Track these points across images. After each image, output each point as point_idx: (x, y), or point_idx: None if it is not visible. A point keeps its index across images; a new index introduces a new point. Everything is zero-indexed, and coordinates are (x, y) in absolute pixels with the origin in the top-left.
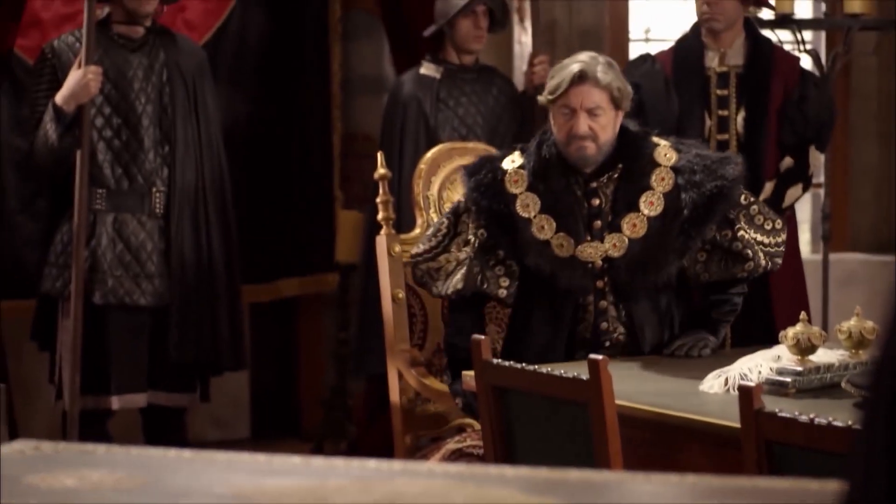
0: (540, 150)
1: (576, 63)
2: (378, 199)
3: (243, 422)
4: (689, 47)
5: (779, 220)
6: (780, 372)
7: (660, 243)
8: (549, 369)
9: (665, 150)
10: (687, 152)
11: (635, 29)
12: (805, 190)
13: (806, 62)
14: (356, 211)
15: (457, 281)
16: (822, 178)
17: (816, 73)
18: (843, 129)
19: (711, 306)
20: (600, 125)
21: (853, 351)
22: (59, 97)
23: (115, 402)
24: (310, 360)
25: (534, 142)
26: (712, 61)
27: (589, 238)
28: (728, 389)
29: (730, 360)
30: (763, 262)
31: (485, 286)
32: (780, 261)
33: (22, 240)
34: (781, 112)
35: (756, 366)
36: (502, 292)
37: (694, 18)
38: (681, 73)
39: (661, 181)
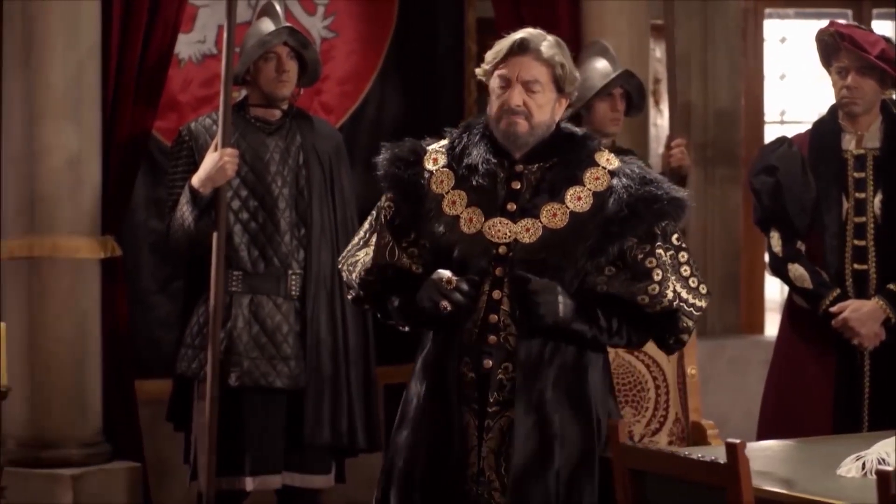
0: (467, 129)
1: (521, 33)
2: None
3: None
4: (826, 130)
5: (706, 287)
6: None
7: (576, 240)
8: (687, 453)
9: (607, 155)
10: (630, 163)
11: (771, 111)
12: None
13: None
14: None
15: (366, 259)
16: None
17: None
18: None
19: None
20: (536, 103)
21: None
22: (196, 179)
23: (251, 484)
24: None
25: (461, 125)
26: (849, 144)
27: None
28: (865, 474)
29: (868, 444)
30: (670, 298)
31: (395, 258)
32: (691, 325)
33: (158, 321)
34: None
35: (895, 450)
36: (416, 267)
37: (830, 100)
38: (818, 155)
39: (595, 180)
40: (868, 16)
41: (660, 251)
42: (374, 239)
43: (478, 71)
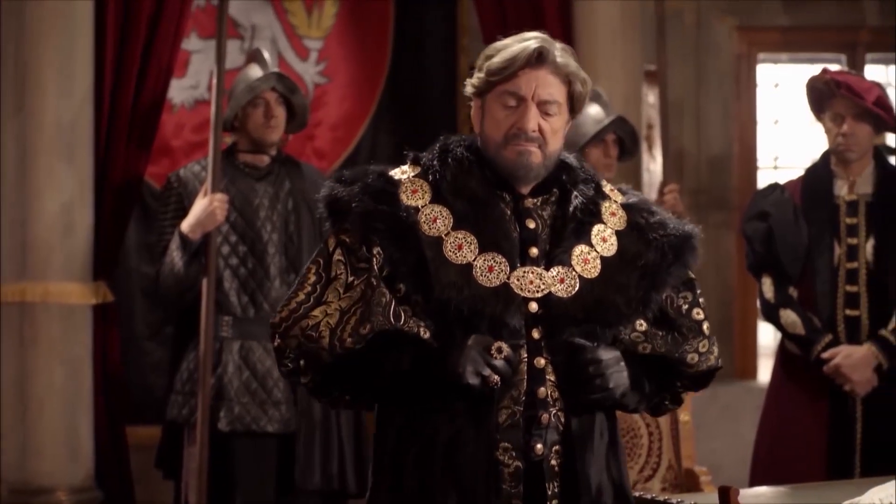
0: (446, 154)
1: (532, 40)
2: None
3: None
4: (819, 176)
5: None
6: None
7: (615, 292)
8: (680, 500)
9: (609, 186)
10: (634, 193)
11: (764, 156)
12: None
13: None
14: None
15: (355, 325)
16: None
17: None
18: None
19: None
20: (552, 127)
21: None
22: (185, 225)
23: None
24: None
25: (432, 149)
26: (841, 189)
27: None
28: None
29: (860, 490)
30: (716, 355)
31: (402, 322)
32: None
33: (150, 366)
34: None
35: (888, 496)
36: (424, 332)
37: (822, 146)
38: (810, 201)
39: (612, 216)
40: (862, 61)
41: (701, 299)
42: (329, 295)
43: (469, 83)
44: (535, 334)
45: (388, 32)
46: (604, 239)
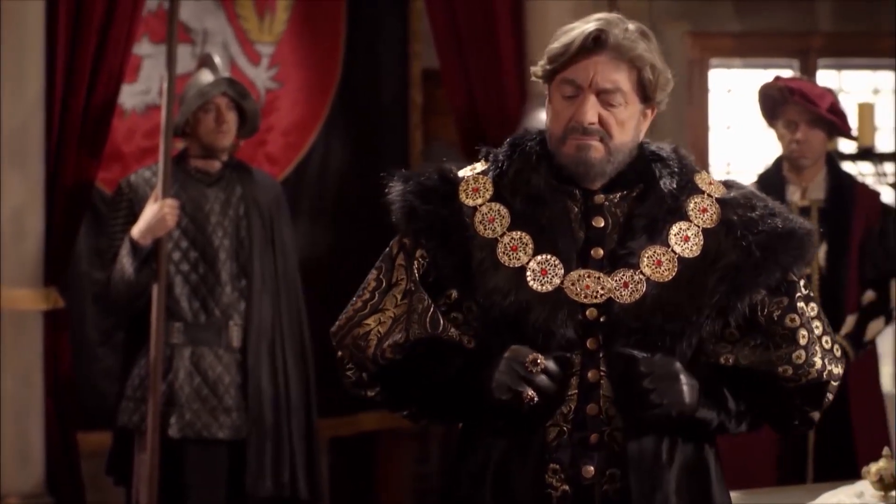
0: (515, 149)
1: (593, 22)
2: None
3: None
4: (771, 182)
5: (839, 348)
6: None
7: (692, 297)
8: None
9: (708, 178)
10: (739, 186)
11: (716, 162)
12: (887, 323)
13: (888, 195)
14: None
15: (381, 329)
16: None
17: None
18: None
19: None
20: (617, 119)
21: None
22: (136, 231)
23: None
24: (390, 495)
25: (505, 143)
26: (794, 195)
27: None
28: None
29: (812, 496)
30: (819, 367)
31: (441, 329)
32: (831, 397)
33: (102, 372)
34: (863, 246)
35: (838, 502)
36: (467, 340)
37: (775, 152)
38: None
39: (702, 213)
40: (814, 66)
41: (801, 304)
42: (387, 302)
43: (534, 70)
44: (591, 345)
45: (340, 38)
46: (686, 238)
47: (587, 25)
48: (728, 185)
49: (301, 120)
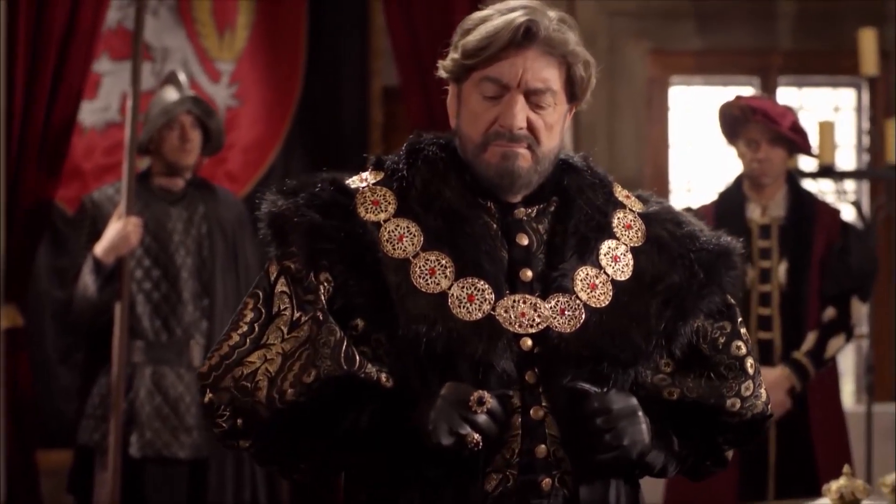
0: (415, 157)
1: (519, 11)
2: None
3: None
4: (732, 199)
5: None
6: None
7: (637, 322)
8: None
9: (624, 191)
10: (656, 201)
11: (677, 180)
12: (847, 340)
13: (848, 212)
14: None
15: (298, 371)
16: (865, 329)
17: (859, 223)
18: (886, 279)
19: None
20: (546, 122)
21: None
22: (99, 249)
23: None
24: None
25: (399, 150)
26: (754, 213)
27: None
28: None
29: None
30: (764, 399)
31: (357, 366)
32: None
33: (61, 390)
34: (823, 263)
35: None
36: (386, 378)
37: (736, 170)
38: (723, 225)
39: (627, 229)
40: (774, 84)
41: (743, 330)
42: (270, 336)
43: (442, 65)
44: (531, 378)
45: (301, 55)
46: (615, 258)
47: (513, 15)
48: (643, 198)
49: (261, 137)
